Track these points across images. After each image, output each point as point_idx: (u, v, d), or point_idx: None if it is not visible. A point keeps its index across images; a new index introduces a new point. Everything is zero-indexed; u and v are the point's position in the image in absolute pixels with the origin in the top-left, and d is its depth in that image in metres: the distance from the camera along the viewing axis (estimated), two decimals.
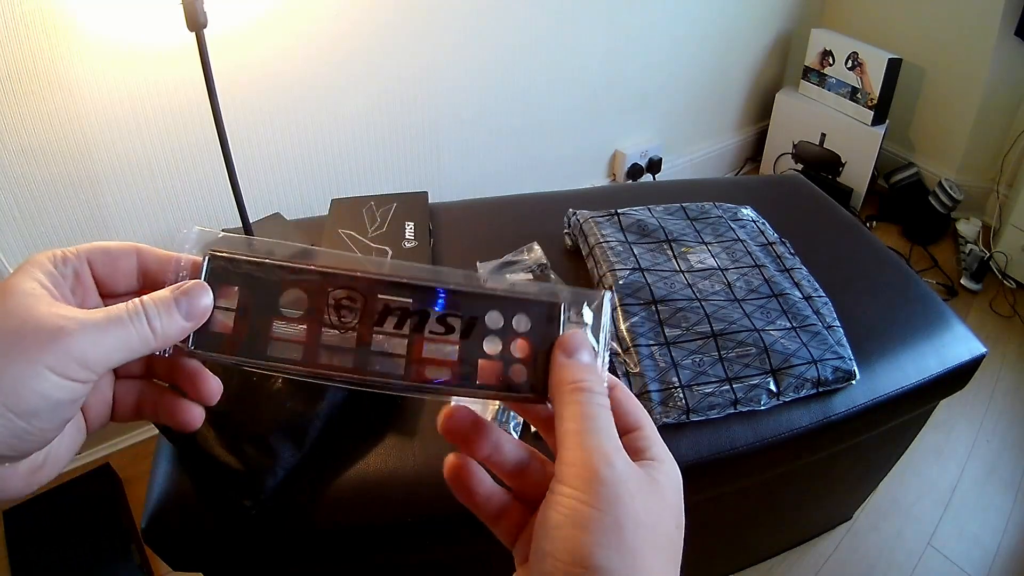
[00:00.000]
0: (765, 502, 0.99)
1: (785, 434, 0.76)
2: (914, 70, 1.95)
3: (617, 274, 0.87)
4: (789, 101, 2.10)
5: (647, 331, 0.80)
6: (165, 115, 1.09)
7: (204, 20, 0.78)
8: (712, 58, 1.94)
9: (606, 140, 1.86)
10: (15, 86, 0.92)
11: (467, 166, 1.57)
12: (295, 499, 0.66)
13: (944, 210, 1.92)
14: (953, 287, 1.83)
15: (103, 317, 0.26)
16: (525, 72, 1.54)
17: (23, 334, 0.25)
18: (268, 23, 1.12)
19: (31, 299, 0.26)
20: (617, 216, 0.99)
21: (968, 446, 1.42)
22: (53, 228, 1.05)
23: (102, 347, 0.26)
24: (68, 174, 1.03)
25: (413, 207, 1.02)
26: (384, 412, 0.74)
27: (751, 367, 0.77)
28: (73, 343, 0.25)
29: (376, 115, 1.35)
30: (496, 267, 0.93)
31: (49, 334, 0.25)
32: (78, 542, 1.11)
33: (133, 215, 1.13)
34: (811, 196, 1.17)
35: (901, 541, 1.24)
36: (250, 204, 0.98)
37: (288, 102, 1.22)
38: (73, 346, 0.25)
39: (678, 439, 0.73)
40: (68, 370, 0.25)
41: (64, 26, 0.92)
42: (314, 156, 1.31)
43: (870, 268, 1.00)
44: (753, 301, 0.86)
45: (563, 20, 1.53)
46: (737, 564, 1.18)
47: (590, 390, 0.29)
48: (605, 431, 0.28)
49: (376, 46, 1.27)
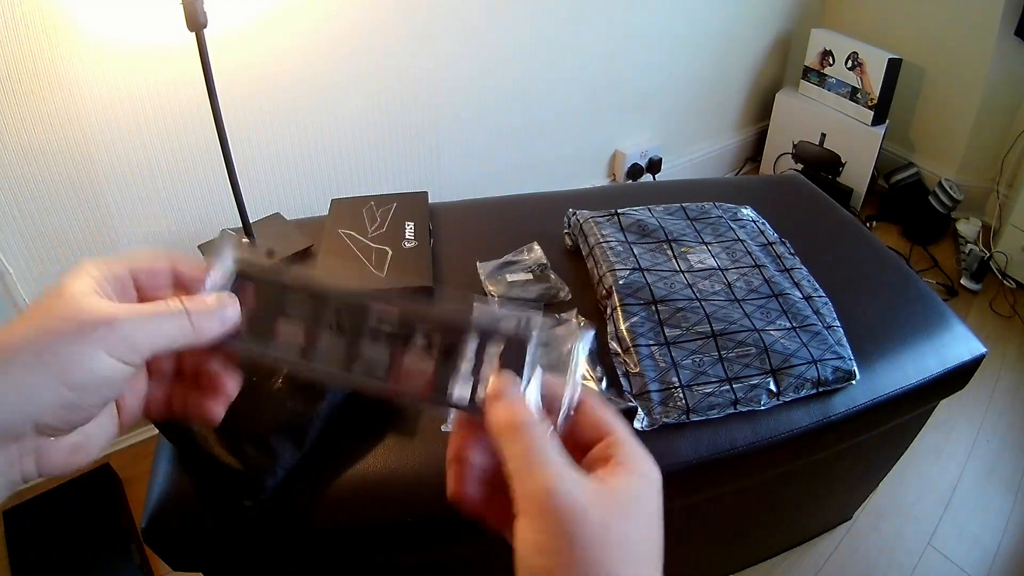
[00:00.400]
0: (765, 502, 0.99)
1: (785, 434, 0.76)
2: (914, 70, 1.95)
3: (617, 274, 0.86)
4: (789, 101, 2.10)
5: (647, 331, 0.80)
6: (165, 115, 1.09)
7: (204, 20, 0.78)
8: (712, 58, 1.94)
9: (606, 140, 1.86)
10: (15, 86, 0.92)
11: (467, 166, 1.57)
12: (295, 499, 0.66)
13: (944, 210, 1.92)
14: (953, 287, 1.83)
15: (150, 309, 0.32)
16: (525, 72, 1.54)
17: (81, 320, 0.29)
18: (268, 23, 1.12)
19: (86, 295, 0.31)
20: (617, 216, 0.99)
21: (968, 446, 1.42)
22: (53, 228, 1.05)
23: (149, 333, 0.31)
24: (68, 174, 1.03)
25: (413, 207, 1.02)
26: (384, 412, 0.74)
27: (751, 367, 0.77)
28: (125, 328, 0.30)
29: (376, 115, 1.35)
30: (496, 267, 0.93)
31: (104, 320, 0.30)
32: (78, 542, 1.11)
33: (133, 215, 1.13)
34: (811, 196, 1.17)
35: (901, 541, 1.24)
36: (250, 204, 0.98)
37: (288, 102, 1.22)
38: (125, 330, 0.30)
39: (678, 439, 0.73)
40: (118, 351, 0.30)
41: (64, 26, 0.92)
42: (314, 156, 1.31)
43: (870, 268, 1.00)
44: (753, 301, 0.86)
45: (563, 20, 1.53)
46: (737, 564, 1.18)
47: (522, 424, 0.30)
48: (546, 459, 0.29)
49: (376, 46, 1.27)
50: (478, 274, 0.92)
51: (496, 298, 0.87)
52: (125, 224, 1.13)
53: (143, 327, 0.31)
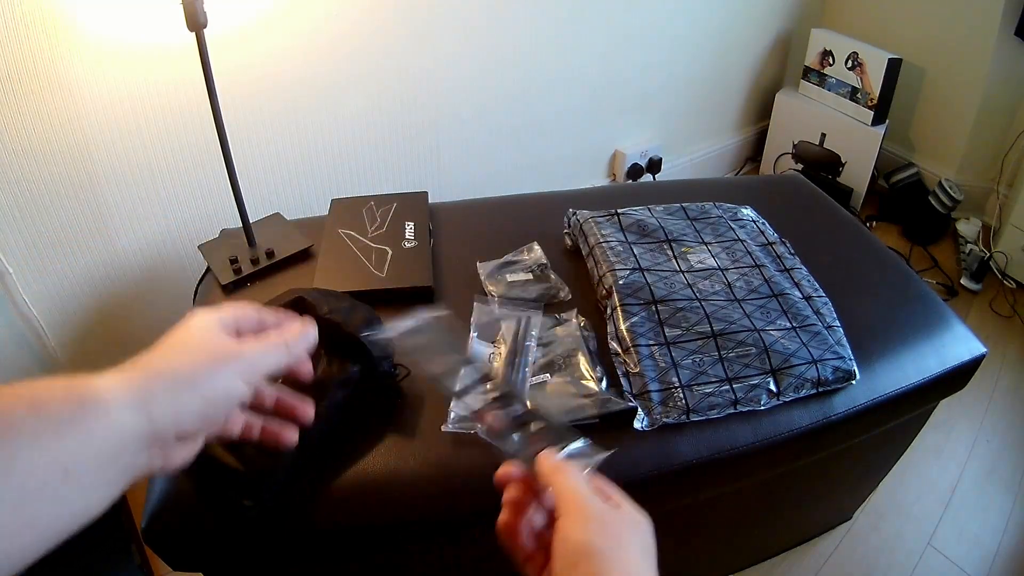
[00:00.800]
0: (765, 502, 0.99)
1: (785, 434, 0.76)
2: (914, 70, 1.95)
3: (617, 274, 0.86)
4: (789, 101, 2.10)
5: (647, 331, 0.80)
6: (165, 115, 1.09)
7: (204, 20, 0.78)
8: (712, 58, 1.94)
9: (606, 140, 1.86)
10: (15, 86, 0.92)
11: (467, 166, 1.57)
12: (295, 499, 0.66)
13: (944, 210, 1.92)
14: (953, 287, 1.83)
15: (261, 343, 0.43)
16: (525, 72, 1.54)
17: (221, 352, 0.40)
18: (268, 23, 1.12)
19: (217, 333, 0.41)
20: (617, 216, 0.99)
21: (968, 446, 1.41)
22: (53, 228, 1.05)
23: (264, 360, 0.42)
24: (68, 174, 1.03)
25: (413, 207, 1.02)
26: (384, 412, 0.74)
27: (751, 367, 0.77)
28: (250, 356, 0.41)
29: (376, 115, 1.35)
30: (496, 267, 0.93)
31: (236, 352, 0.40)
32: (78, 542, 1.11)
33: (133, 215, 1.13)
34: (811, 196, 1.17)
35: (901, 541, 1.24)
36: (250, 204, 0.98)
37: (288, 102, 1.22)
38: (250, 359, 0.41)
39: (678, 439, 0.73)
40: (245, 375, 0.40)
41: (64, 26, 0.92)
42: (314, 156, 1.31)
43: (870, 268, 1.00)
44: (753, 301, 0.86)
45: (563, 20, 1.53)
46: (737, 564, 1.18)
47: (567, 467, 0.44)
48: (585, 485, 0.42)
49: (376, 46, 1.27)
50: (478, 274, 0.92)
51: (496, 298, 0.87)
52: (125, 224, 1.13)
53: (260, 356, 0.42)
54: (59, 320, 1.11)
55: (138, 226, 1.15)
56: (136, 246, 1.16)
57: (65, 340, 1.14)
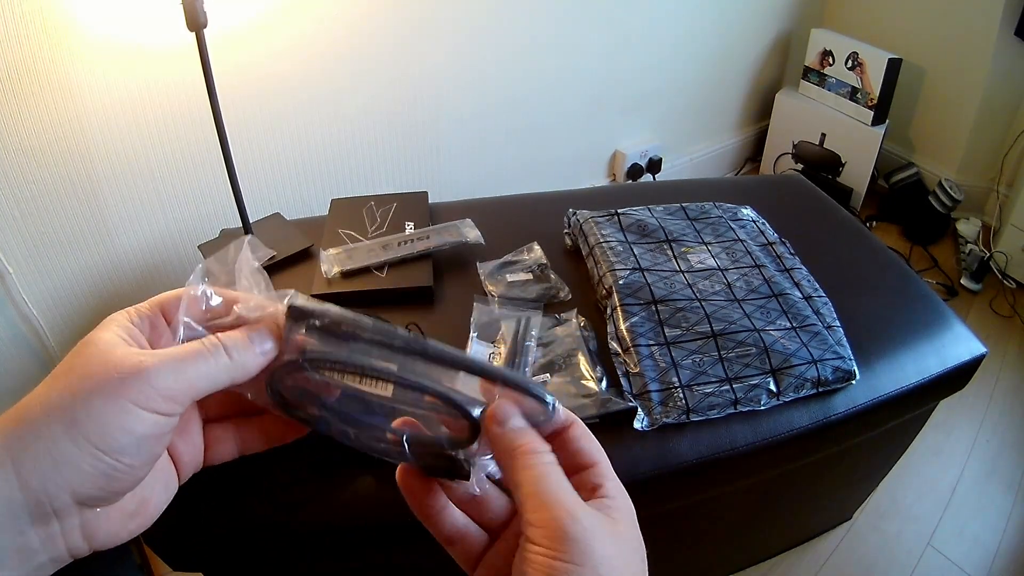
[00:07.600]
0: (765, 502, 0.99)
1: (785, 434, 0.76)
2: (914, 70, 1.95)
3: (617, 274, 0.86)
4: (789, 101, 2.10)
5: (647, 331, 0.80)
6: (165, 115, 1.09)
7: (204, 20, 0.78)
8: (712, 58, 1.94)
9: (606, 140, 1.86)
10: (15, 86, 0.92)
11: (467, 166, 1.57)
12: (295, 499, 0.66)
13: (944, 210, 1.92)
14: (953, 287, 1.83)
15: (183, 351, 0.29)
16: (525, 72, 1.54)
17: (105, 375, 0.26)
18: (268, 23, 1.12)
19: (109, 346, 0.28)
20: (617, 216, 0.99)
21: (968, 446, 1.41)
22: (53, 228, 1.05)
23: (185, 377, 0.28)
24: (68, 174, 1.03)
25: (413, 207, 1.02)
26: None
27: (751, 367, 0.77)
28: (153, 376, 0.27)
29: (376, 115, 1.35)
30: (496, 267, 0.93)
31: (129, 371, 0.27)
32: None
33: (133, 215, 1.13)
34: (811, 196, 1.17)
35: (901, 541, 1.24)
36: (250, 204, 0.98)
37: (288, 102, 1.22)
38: (154, 379, 0.27)
39: (678, 439, 0.73)
40: (151, 402, 0.27)
41: (64, 26, 0.92)
42: (314, 156, 1.31)
43: (870, 268, 1.00)
44: (753, 301, 0.86)
45: (563, 20, 1.53)
46: (737, 564, 1.18)
47: (534, 451, 0.30)
48: (560, 487, 0.29)
49: (376, 46, 1.27)
50: (478, 274, 0.92)
51: (496, 298, 0.87)
52: (125, 224, 1.13)
53: (179, 372, 0.28)
54: (59, 320, 1.11)
55: (138, 226, 1.15)
56: (136, 246, 1.16)
57: (65, 340, 1.14)
